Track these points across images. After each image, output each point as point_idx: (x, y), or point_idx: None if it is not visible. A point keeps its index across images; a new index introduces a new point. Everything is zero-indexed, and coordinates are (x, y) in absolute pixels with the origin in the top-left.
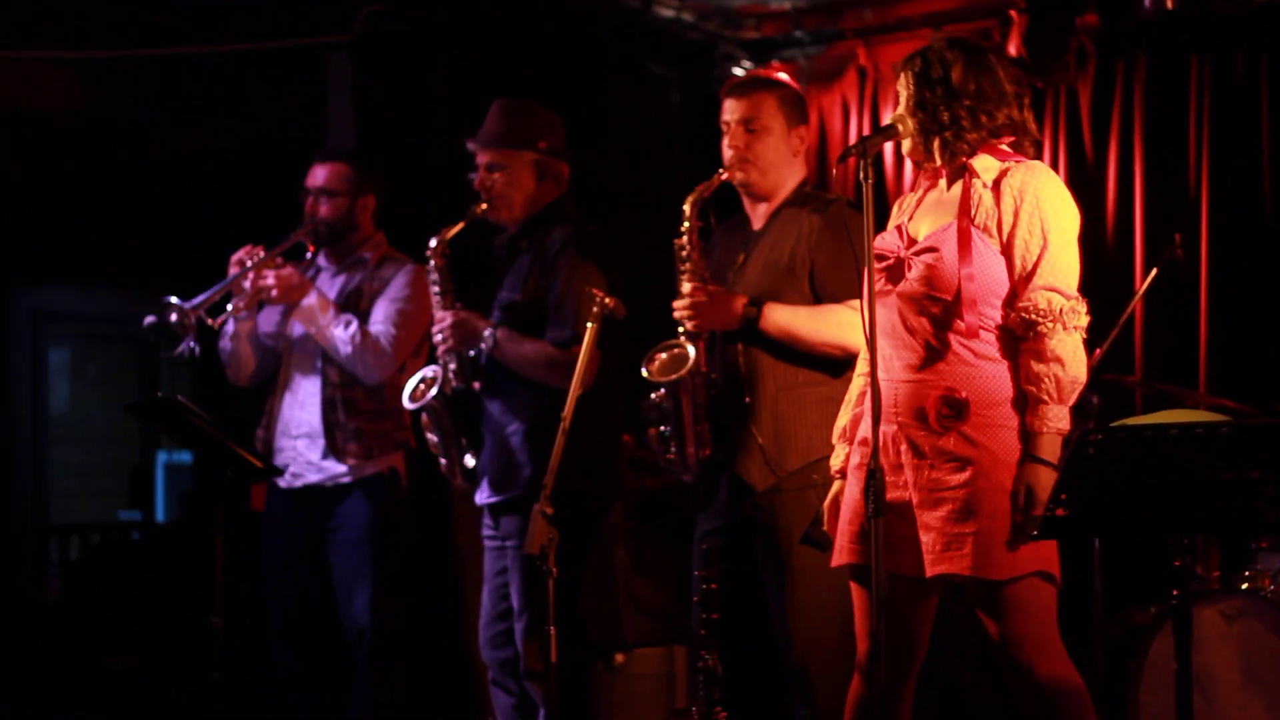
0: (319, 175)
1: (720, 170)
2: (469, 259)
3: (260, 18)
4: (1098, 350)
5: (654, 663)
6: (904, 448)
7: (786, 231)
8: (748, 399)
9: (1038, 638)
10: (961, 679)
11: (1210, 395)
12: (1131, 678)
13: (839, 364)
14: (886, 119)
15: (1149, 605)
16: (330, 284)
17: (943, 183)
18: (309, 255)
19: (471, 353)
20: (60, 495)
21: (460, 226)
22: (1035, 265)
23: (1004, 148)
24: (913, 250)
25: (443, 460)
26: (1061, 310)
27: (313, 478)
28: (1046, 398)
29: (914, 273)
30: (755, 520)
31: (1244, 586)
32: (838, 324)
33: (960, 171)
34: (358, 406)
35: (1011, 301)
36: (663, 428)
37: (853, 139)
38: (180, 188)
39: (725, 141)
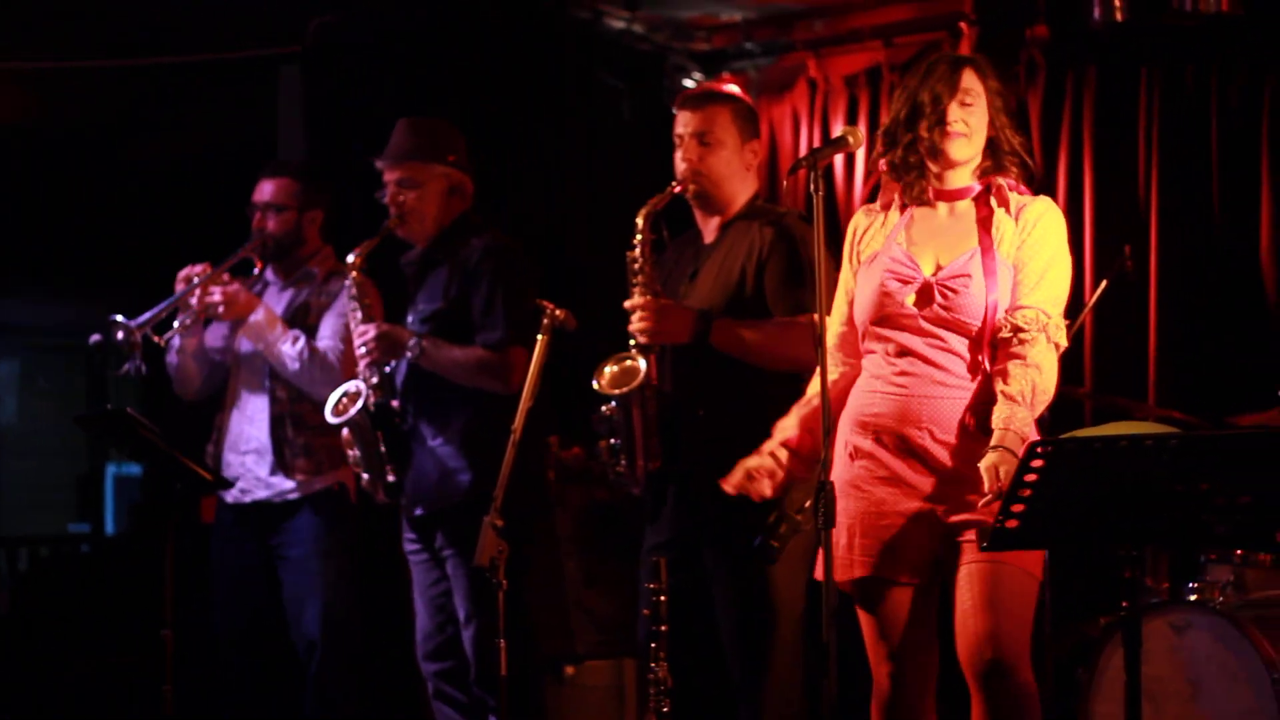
0: (265, 190)
1: (673, 183)
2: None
3: (211, 29)
4: None
5: (604, 675)
6: (919, 454)
7: (738, 245)
8: (700, 412)
9: (1021, 638)
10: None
11: (1160, 407)
12: (1081, 689)
13: (791, 378)
14: (837, 130)
15: (1099, 617)
16: (278, 298)
17: (944, 206)
18: (256, 271)
19: (388, 369)
20: (9, 507)
21: (376, 242)
22: (1032, 288)
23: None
24: (943, 276)
25: (365, 476)
26: (1046, 325)
27: (261, 494)
28: (1019, 399)
29: (946, 299)
30: (705, 533)
31: (1193, 598)
32: (788, 338)
33: (982, 196)
34: (306, 422)
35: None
36: (612, 440)
37: (803, 151)
38: (131, 200)
39: (678, 154)
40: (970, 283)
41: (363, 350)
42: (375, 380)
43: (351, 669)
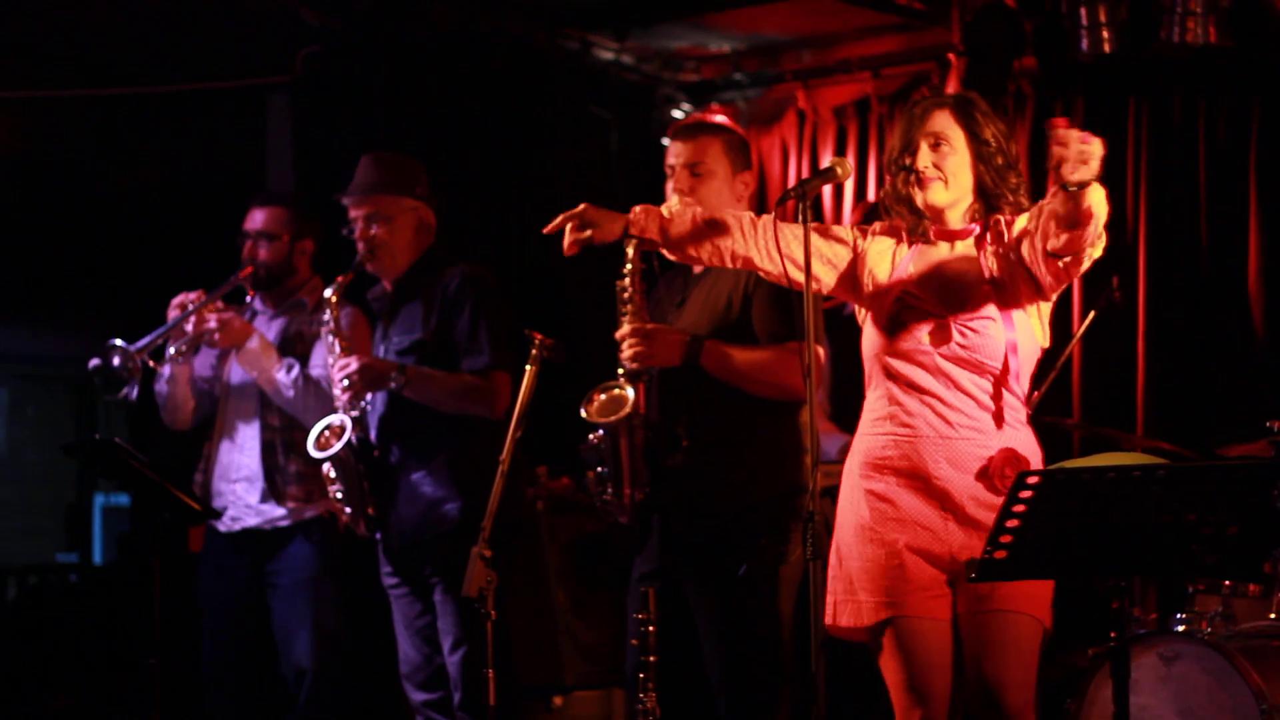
0: (257, 219)
1: None
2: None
3: (200, 59)
4: (1035, 393)
5: (593, 705)
6: (938, 495)
7: (726, 274)
8: (685, 442)
9: (1027, 685)
10: None
11: (1148, 438)
12: None
13: (779, 407)
14: (825, 161)
15: (1087, 647)
16: (268, 327)
17: (946, 245)
18: (249, 299)
19: (364, 402)
20: None
21: (350, 277)
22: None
23: None
24: (964, 316)
25: (347, 510)
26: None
27: (251, 521)
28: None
29: (965, 339)
30: (687, 565)
31: (1181, 629)
32: (777, 365)
33: (982, 236)
34: (298, 449)
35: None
36: (600, 469)
37: (792, 181)
38: (120, 228)
39: (670, 185)
40: (991, 325)
41: (345, 384)
42: (356, 414)
43: (340, 697)
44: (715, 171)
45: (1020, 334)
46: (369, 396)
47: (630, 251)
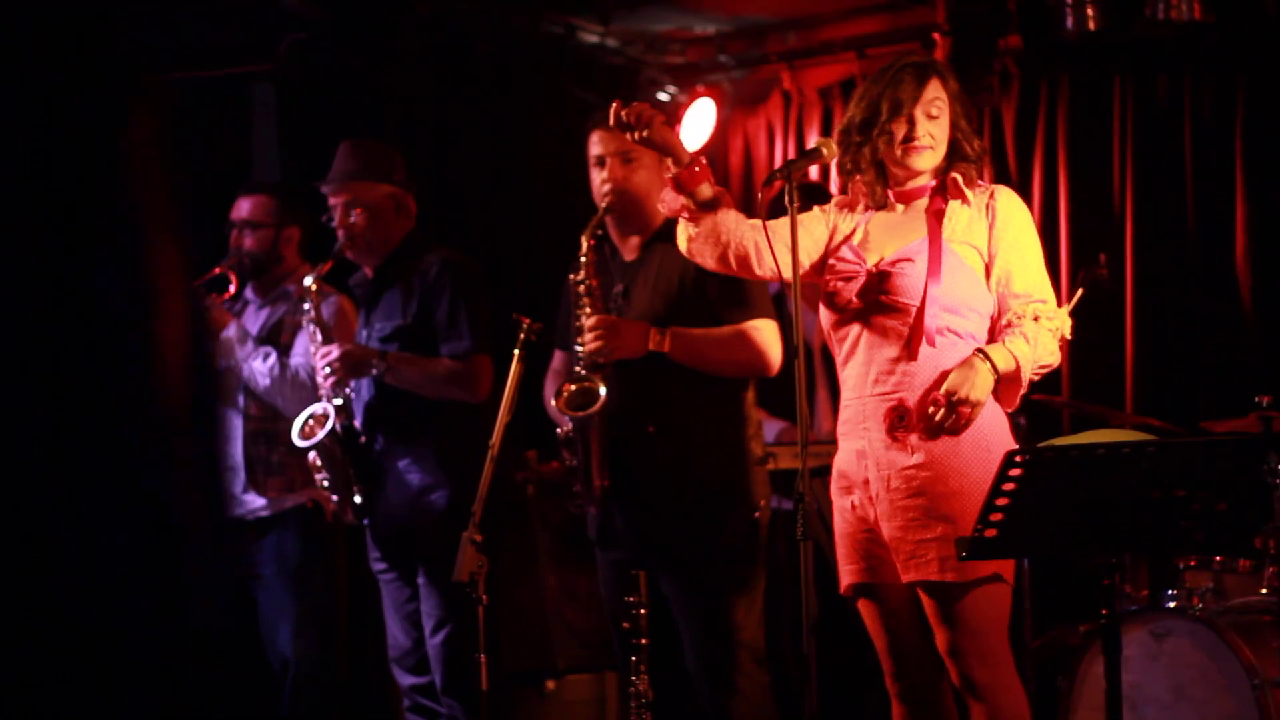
0: (243, 207)
1: (602, 205)
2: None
3: (183, 48)
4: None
5: (585, 689)
6: (869, 462)
7: (670, 260)
8: (650, 428)
9: (993, 648)
10: None
11: (1136, 415)
12: (1062, 697)
13: (736, 384)
14: (811, 142)
15: (1078, 624)
16: (255, 316)
17: (901, 207)
18: (233, 288)
19: (349, 389)
20: None
21: (329, 265)
22: (1018, 279)
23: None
24: (886, 263)
25: (334, 498)
26: (1038, 313)
27: (234, 511)
28: (1024, 337)
29: (886, 283)
30: (658, 553)
31: (1172, 605)
32: (741, 344)
33: (936, 191)
34: (280, 439)
35: (992, 313)
36: (570, 463)
37: (778, 162)
38: None
39: (599, 174)
40: (911, 266)
41: (327, 370)
42: (340, 401)
43: (327, 686)
44: (643, 159)
45: (954, 272)
46: (352, 383)
47: (584, 244)
